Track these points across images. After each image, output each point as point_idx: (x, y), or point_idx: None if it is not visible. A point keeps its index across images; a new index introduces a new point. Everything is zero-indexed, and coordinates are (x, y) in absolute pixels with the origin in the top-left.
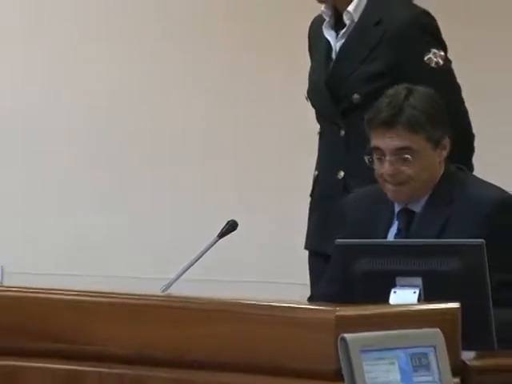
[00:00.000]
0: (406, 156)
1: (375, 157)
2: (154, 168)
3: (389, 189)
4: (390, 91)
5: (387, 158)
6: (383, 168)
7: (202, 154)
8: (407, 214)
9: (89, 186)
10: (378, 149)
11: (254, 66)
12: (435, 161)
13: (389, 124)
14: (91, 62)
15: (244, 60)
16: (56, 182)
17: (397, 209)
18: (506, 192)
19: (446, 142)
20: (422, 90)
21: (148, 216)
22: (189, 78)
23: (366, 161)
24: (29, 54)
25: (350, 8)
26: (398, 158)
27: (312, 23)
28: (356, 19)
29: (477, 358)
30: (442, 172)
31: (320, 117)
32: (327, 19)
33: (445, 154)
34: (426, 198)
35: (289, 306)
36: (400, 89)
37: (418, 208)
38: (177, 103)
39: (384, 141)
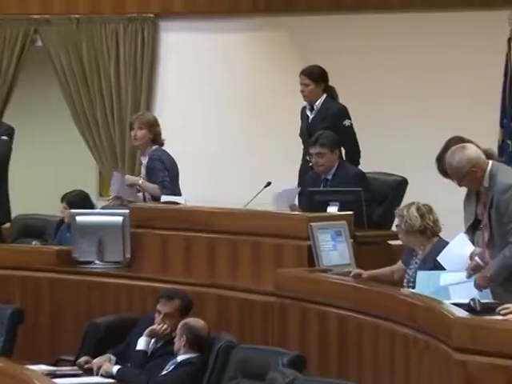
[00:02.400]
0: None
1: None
2: None
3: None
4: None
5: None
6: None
7: None
8: (326, 179)
9: None
10: (311, 154)
11: None
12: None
13: (314, 144)
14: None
15: None
16: None
17: (323, 176)
18: (359, 169)
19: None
20: (328, 133)
21: None
22: None
23: (308, 159)
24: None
25: (317, 103)
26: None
27: (302, 108)
28: (318, 107)
29: (359, 231)
30: (337, 162)
31: (303, 143)
32: (308, 107)
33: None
34: (333, 172)
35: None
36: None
37: (330, 176)
38: None
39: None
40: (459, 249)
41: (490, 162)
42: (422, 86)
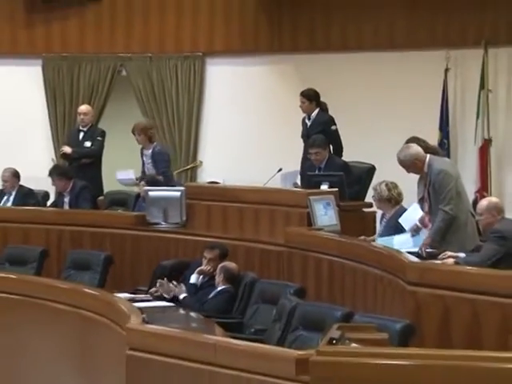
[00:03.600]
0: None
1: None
2: None
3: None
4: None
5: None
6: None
7: None
8: (320, 167)
9: None
10: (310, 153)
11: None
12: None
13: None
14: None
15: None
16: None
17: (318, 165)
18: (343, 160)
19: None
20: (320, 136)
21: None
22: None
23: (308, 155)
24: None
25: (312, 114)
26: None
27: (302, 118)
28: (313, 118)
29: (342, 202)
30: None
31: (303, 142)
32: (306, 117)
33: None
34: (324, 162)
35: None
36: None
37: (322, 165)
38: None
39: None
40: (413, 214)
41: (428, 155)
42: (388, 104)
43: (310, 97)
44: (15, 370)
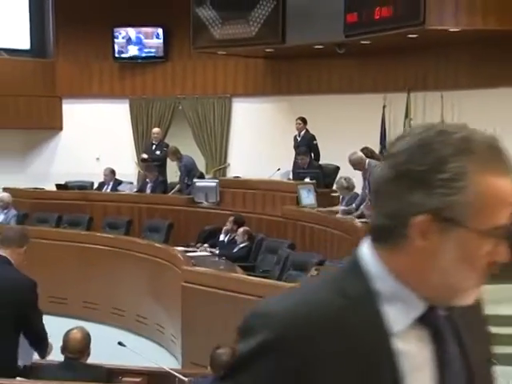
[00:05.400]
0: None
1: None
2: None
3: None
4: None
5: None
6: (300, 161)
7: None
8: (303, 168)
9: None
10: (298, 159)
11: None
12: (308, 159)
13: (300, 154)
14: None
15: None
16: None
17: (303, 166)
18: (319, 164)
19: (309, 155)
20: (304, 148)
21: None
22: None
23: (297, 160)
24: None
25: (301, 133)
26: None
27: (294, 136)
28: (302, 135)
29: (318, 189)
30: (309, 160)
31: (295, 151)
32: (297, 134)
33: (309, 157)
34: (307, 164)
35: None
36: None
37: (305, 166)
38: None
39: (299, 157)
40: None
41: (367, 160)
42: (348, 127)
43: (303, 121)
44: (115, 295)
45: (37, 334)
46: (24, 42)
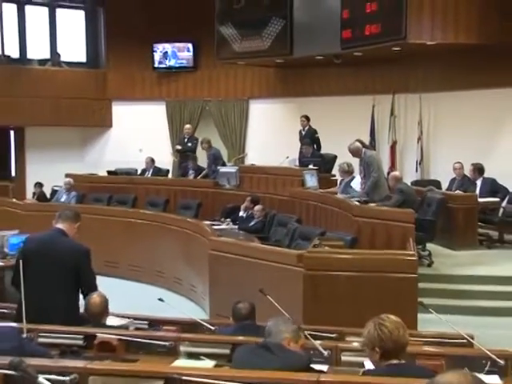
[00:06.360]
0: None
1: None
2: None
3: None
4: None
5: None
6: (304, 151)
7: None
8: (307, 157)
9: None
10: (303, 148)
11: None
12: (311, 149)
13: (304, 145)
14: None
15: None
16: None
17: (307, 155)
18: (321, 153)
19: (312, 146)
20: (307, 140)
21: None
22: None
23: (302, 150)
24: None
25: (305, 128)
26: None
27: (299, 130)
28: (306, 129)
29: (320, 174)
30: (312, 150)
31: (300, 143)
32: (302, 129)
33: (312, 147)
34: (310, 154)
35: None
36: None
37: (309, 155)
38: None
39: (303, 148)
40: (357, 180)
41: (364, 148)
42: (343, 122)
43: (307, 118)
44: (156, 261)
45: (89, 289)
46: (81, 56)
